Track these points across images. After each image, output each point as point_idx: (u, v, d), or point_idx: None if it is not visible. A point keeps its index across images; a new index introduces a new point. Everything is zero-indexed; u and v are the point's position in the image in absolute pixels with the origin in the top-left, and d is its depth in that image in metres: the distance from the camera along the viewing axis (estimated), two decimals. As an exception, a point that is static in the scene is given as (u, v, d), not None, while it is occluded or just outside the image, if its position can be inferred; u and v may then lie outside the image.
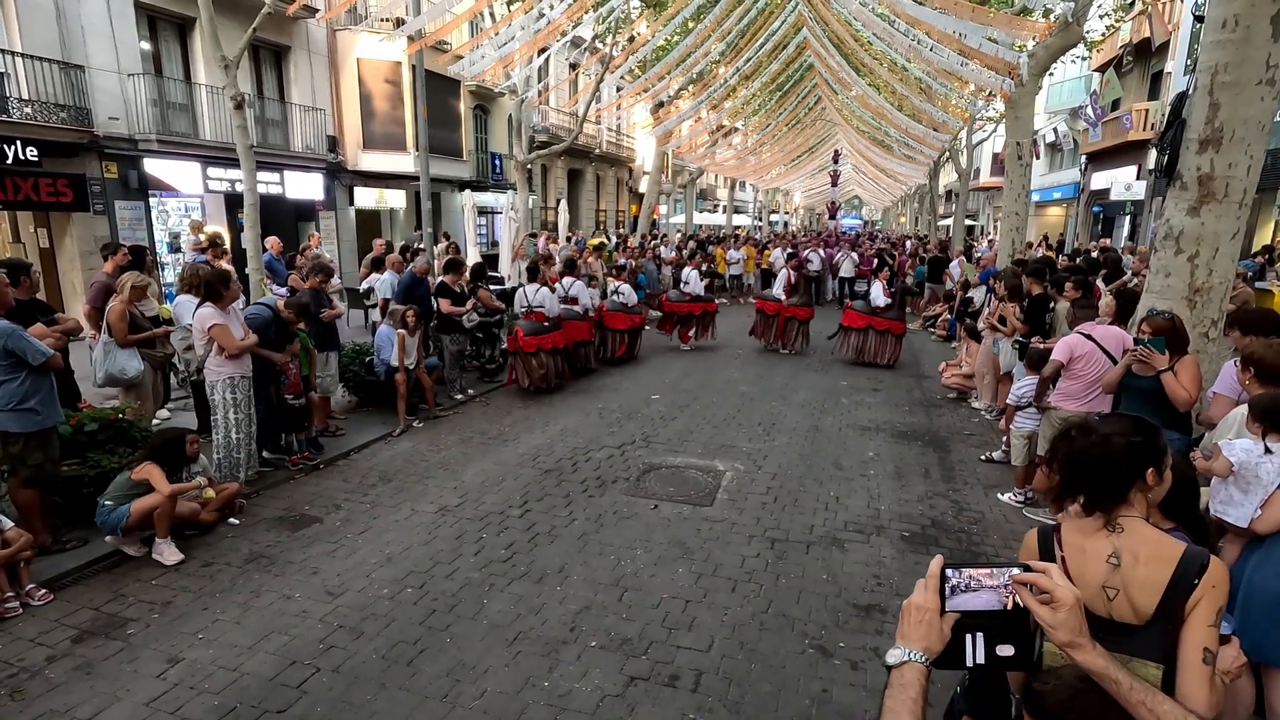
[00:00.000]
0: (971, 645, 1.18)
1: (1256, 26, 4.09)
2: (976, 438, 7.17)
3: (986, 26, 8.50)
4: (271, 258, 9.39)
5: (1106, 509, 1.58)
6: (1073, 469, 1.60)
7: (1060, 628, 1.18)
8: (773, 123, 21.61)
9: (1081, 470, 1.59)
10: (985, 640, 1.18)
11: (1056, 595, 1.18)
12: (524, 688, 3.28)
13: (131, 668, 3.42)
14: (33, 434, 4.24)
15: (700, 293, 11.81)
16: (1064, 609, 1.18)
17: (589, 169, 30.87)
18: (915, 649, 1.16)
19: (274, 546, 4.70)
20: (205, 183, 13.88)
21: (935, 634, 1.17)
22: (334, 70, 17.41)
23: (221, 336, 5.18)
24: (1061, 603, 1.18)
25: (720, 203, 42.56)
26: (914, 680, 1.14)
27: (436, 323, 8.17)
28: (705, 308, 11.69)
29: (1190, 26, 18.00)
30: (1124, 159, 21.19)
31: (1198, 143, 4.39)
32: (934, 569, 1.21)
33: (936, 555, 1.26)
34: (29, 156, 10.73)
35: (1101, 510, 1.58)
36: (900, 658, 1.17)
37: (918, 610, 1.19)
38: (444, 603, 4.00)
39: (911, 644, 1.17)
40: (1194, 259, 4.54)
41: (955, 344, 11.25)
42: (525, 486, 5.75)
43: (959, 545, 4.79)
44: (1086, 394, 4.83)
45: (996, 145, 29.38)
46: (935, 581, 1.20)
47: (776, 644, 3.65)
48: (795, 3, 13.42)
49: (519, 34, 11.17)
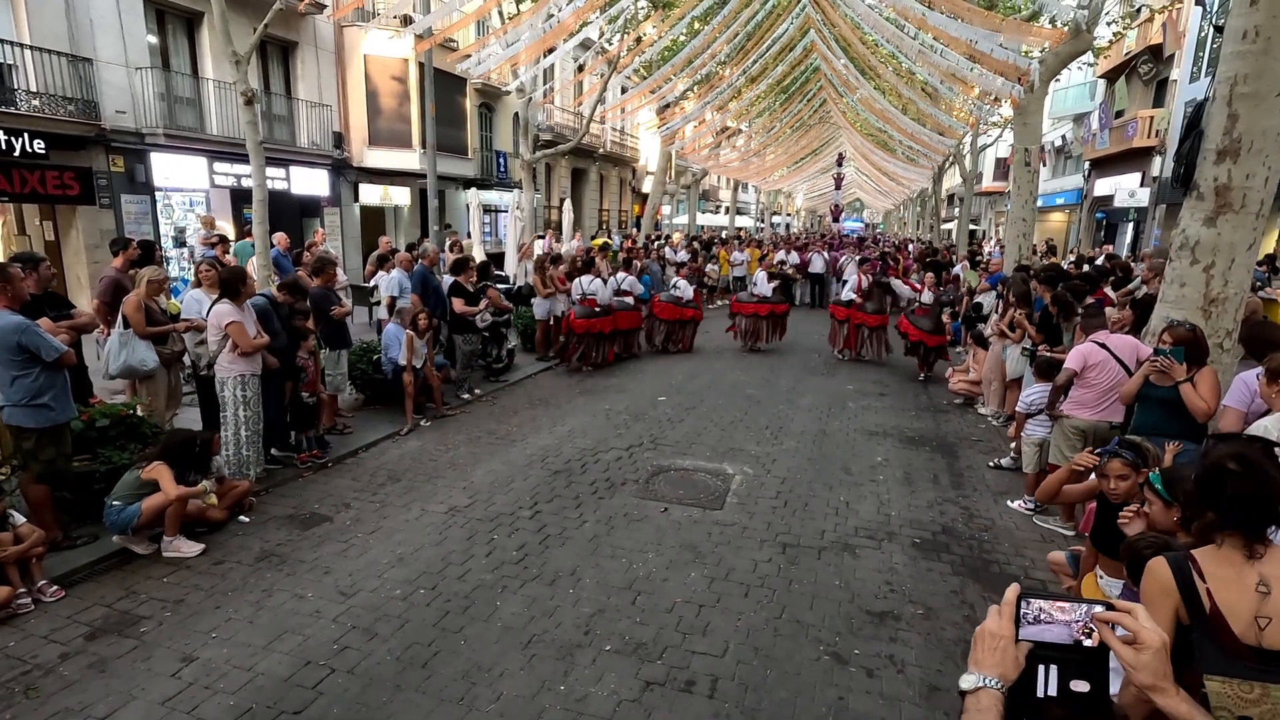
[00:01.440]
0: (1044, 677, 1.17)
1: (1277, 38, 4.08)
2: (984, 444, 7.17)
3: (997, 33, 8.51)
4: (278, 253, 9.37)
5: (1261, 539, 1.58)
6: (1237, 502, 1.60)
7: (1143, 670, 1.16)
8: (778, 125, 21.60)
9: (1245, 503, 1.59)
10: (1059, 674, 1.17)
11: (1142, 637, 1.16)
12: (540, 691, 3.27)
13: (146, 666, 3.41)
14: (46, 429, 4.24)
15: (688, 298, 11.74)
16: (1149, 651, 1.15)
17: (593, 168, 30.87)
18: (991, 675, 1.15)
19: (285, 545, 4.69)
20: (211, 177, 13.86)
21: (1010, 661, 1.15)
22: (341, 66, 17.40)
23: (238, 334, 5.18)
24: (1147, 645, 1.15)
25: (723, 204, 42.55)
26: (990, 706, 1.12)
27: (450, 322, 8.16)
28: (691, 314, 11.70)
29: (1197, 35, 18.03)
30: (1128, 165, 21.21)
31: (1215, 153, 4.38)
32: (1009, 597, 1.20)
33: (1013, 584, 1.25)
34: (36, 149, 10.71)
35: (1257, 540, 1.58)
36: (975, 683, 1.15)
37: (991, 637, 1.18)
38: (457, 604, 3.99)
39: (986, 670, 1.16)
40: (1209, 269, 4.53)
41: (961, 349, 11.25)
42: (535, 487, 5.74)
43: (970, 552, 4.78)
44: (1099, 402, 4.84)
45: (1000, 150, 29.40)
46: (1010, 609, 1.19)
47: (791, 650, 3.64)
48: (803, 5, 13.42)
49: (527, 34, 11.15)
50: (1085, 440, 4.87)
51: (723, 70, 16.32)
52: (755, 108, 21.07)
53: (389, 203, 19.56)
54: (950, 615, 4.00)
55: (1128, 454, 2.97)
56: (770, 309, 11.62)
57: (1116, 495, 2.98)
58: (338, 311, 6.82)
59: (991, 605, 1.23)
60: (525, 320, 11.04)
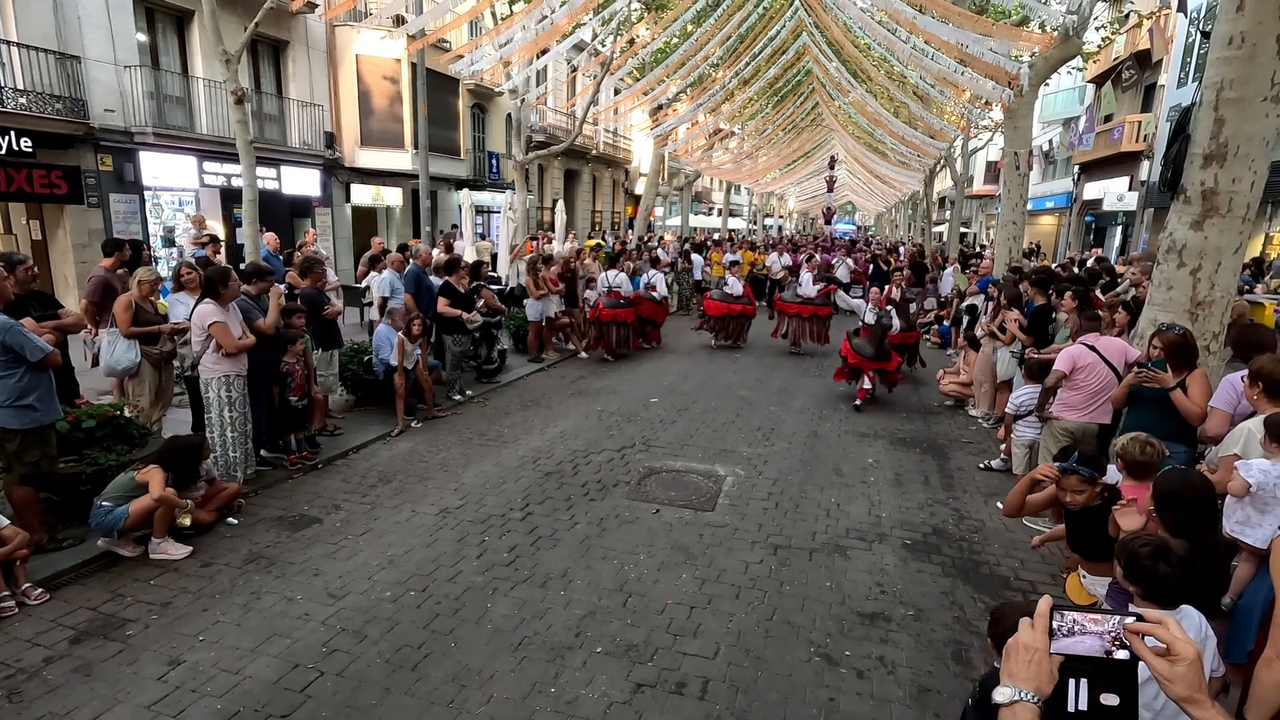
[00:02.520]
0: (1074, 691, 1.15)
1: (1263, 44, 4.13)
2: (974, 445, 7.20)
3: (988, 37, 8.56)
4: (268, 254, 9.32)
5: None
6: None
7: (1179, 682, 1.13)
8: (770, 127, 21.68)
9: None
10: (1089, 688, 1.15)
11: (1177, 649, 1.13)
12: (530, 694, 3.26)
13: (131, 669, 3.38)
14: (30, 431, 4.18)
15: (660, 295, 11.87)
16: (1183, 663, 1.13)
17: (586, 169, 30.84)
18: (1026, 689, 1.13)
19: (274, 547, 4.66)
20: (201, 177, 13.76)
21: (1045, 675, 1.14)
22: (333, 66, 17.32)
23: (221, 334, 5.13)
24: (1181, 657, 1.13)
25: (716, 206, 42.62)
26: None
27: (439, 322, 8.13)
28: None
29: (1184, 40, 18.21)
30: (1117, 170, 21.39)
31: (1202, 157, 4.43)
32: (1042, 609, 1.18)
33: (1044, 596, 1.23)
34: (23, 147, 10.61)
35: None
36: (1011, 697, 1.13)
37: (1026, 649, 1.16)
38: (447, 606, 3.97)
39: (1021, 683, 1.14)
40: (1196, 272, 4.58)
41: (951, 351, 11.31)
42: (526, 489, 5.72)
43: (960, 554, 4.80)
44: (1088, 405, 4.87)
45: (991, 153, 29.59)
46: (1044, 621, 1.17)
47: (782, 651, 3.64)
48: (795, 8, 13.47)
49: (520, 35, 11.14)
50: (1074, 441, 4.90)
51: (715, 73, 16.35)
52: (748, 110, 21.14)
53: (381, 203, 19.48)
54: (940, 616, 4.01)
55: (1084, 470, 3.11)
56: (814, 310, 11.59)
57: (1074, 505, 3.16)
58: (329, 311, 6.78)
59: (1023, 618, 1.21)
60: (517, 321, 11.02)
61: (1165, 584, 2.00)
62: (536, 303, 10.42)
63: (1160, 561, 2.00)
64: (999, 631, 2.38)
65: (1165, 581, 2.00)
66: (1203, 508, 2.44)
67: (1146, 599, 2.05)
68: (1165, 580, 2.00)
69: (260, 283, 5.87)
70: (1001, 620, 2.39)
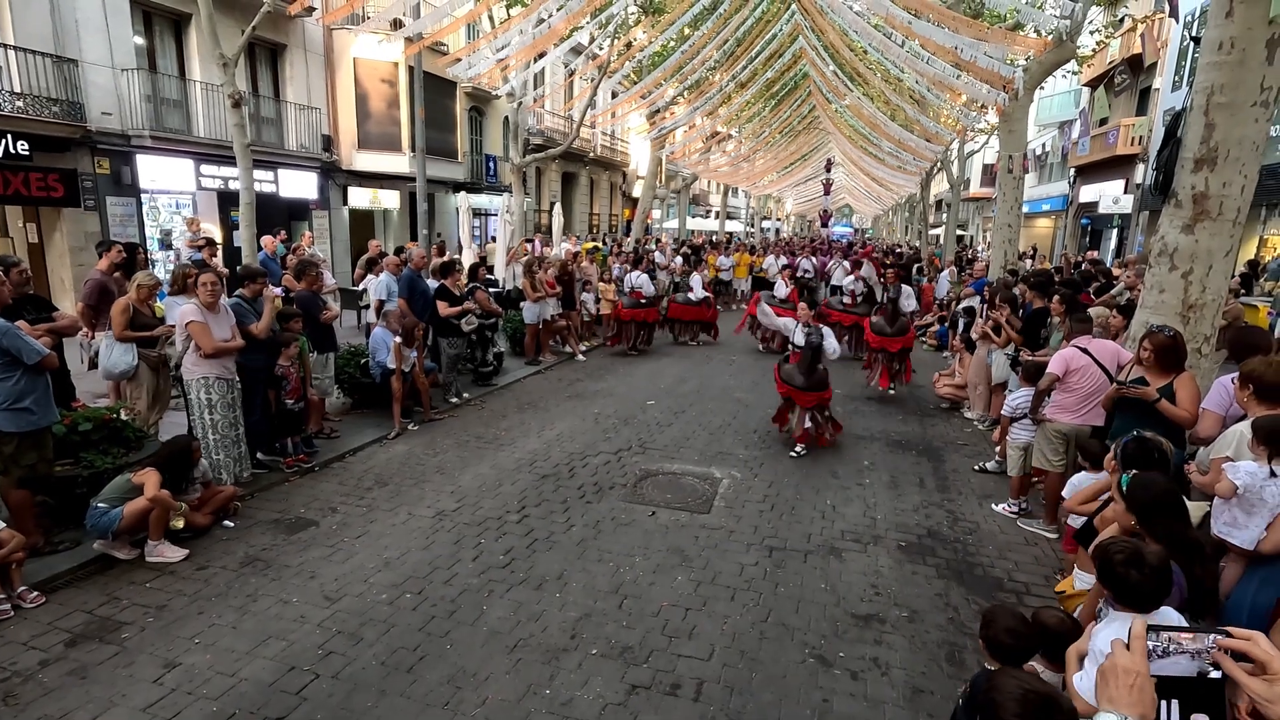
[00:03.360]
0: (1166, 714, 1.12)
1: (1252, 50, 4.16)
2: (969, 448, 7.23)
3: (983, 41, 8.61)
4: (265, 257, 9.33)
5: None
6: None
7: (1277, 701, 1.08)
8: (767, 130, 21.73)
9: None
10: (1181, 709, 1.12)
11: (1272, 667, 1.08)
12: (526, 696, 3.27)
13: (127, 672, 3.38)
14: (27, 434, 4.19)
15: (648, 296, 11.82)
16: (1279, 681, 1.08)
17: (583, 172, 30.89)
18: (1131, 715, 1.08)
19: (270, 550, 4.66)
20: (198, 180, 13.77)
21: (1149, 700, 1.09)
22: (330, 69, 17.35)
23: (199, 334, 5.08)
24: (1277, 675, 1.08)
25: (713, 208, 42.67)
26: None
27: (435, 325, 8.14)
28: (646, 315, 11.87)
29: (1179, 45, 18.30)
30: (1112, 172, 21.48)
31: (1193, 162, 4.46)
32: (1139, 630, 1.13)
33: (1137, 618, 1.18)
34: (20, 150, 10.61)
35: None
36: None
37: (1126, 674, 1.11)
38: (443, 608, 3.98)
39: (1125, 709, 1.09)
40: (1188, 275, 4.60)
41: (946, 354, 11.34)
42: (522, 492, 5.74)
43: (955, 555, 4.82)
44: (1081, 407, 4.89)
45: (987, 156, 29.68)
46: (1142, 644, 1.12)
47: (777, 653, 3.66)
48: (792, 12, 13.52)
49: (517, 38, 11.17)
50: (1067, 443, 4.93)
51: (712, 76, 16.40)
52: (745, 113, 21.20)
53: (378, 206, 19.50)
54: (935, 618, 4.03)
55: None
56: (855, 320, 11.22)
57: None
58: (326, 315, 6.78)
59: (1116, 640, 1.17)
60: (514, 324, 11.03)
61: (1137, 591, 2.01)
62: (534, 305, 10.44)
63: (1132, 569, 2.01)
64: (991, 633, 2.39)
65: (1137, 589, 2.01)
66: (1167, 508, 2.46)
67: (1119, 603, 2.07)
68: (1137, 588, 2.01)
69: (253, 285, 5.86)
70: (994, 622, 2.41)
